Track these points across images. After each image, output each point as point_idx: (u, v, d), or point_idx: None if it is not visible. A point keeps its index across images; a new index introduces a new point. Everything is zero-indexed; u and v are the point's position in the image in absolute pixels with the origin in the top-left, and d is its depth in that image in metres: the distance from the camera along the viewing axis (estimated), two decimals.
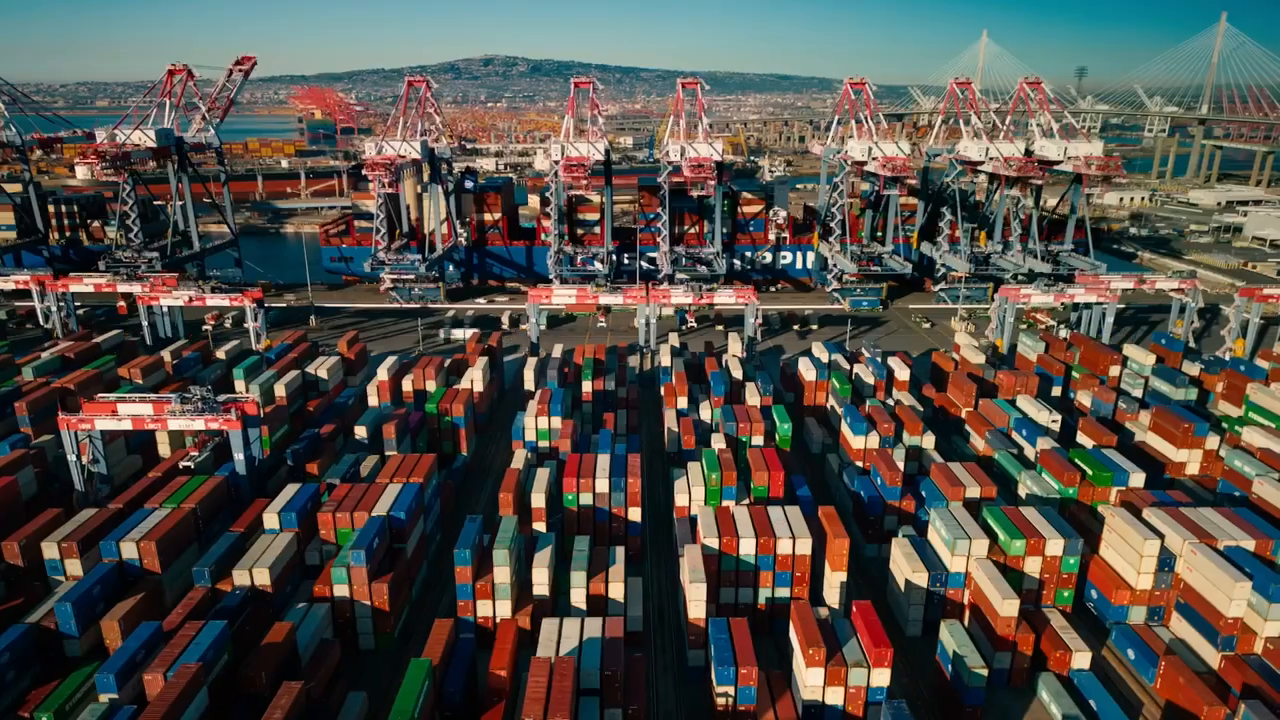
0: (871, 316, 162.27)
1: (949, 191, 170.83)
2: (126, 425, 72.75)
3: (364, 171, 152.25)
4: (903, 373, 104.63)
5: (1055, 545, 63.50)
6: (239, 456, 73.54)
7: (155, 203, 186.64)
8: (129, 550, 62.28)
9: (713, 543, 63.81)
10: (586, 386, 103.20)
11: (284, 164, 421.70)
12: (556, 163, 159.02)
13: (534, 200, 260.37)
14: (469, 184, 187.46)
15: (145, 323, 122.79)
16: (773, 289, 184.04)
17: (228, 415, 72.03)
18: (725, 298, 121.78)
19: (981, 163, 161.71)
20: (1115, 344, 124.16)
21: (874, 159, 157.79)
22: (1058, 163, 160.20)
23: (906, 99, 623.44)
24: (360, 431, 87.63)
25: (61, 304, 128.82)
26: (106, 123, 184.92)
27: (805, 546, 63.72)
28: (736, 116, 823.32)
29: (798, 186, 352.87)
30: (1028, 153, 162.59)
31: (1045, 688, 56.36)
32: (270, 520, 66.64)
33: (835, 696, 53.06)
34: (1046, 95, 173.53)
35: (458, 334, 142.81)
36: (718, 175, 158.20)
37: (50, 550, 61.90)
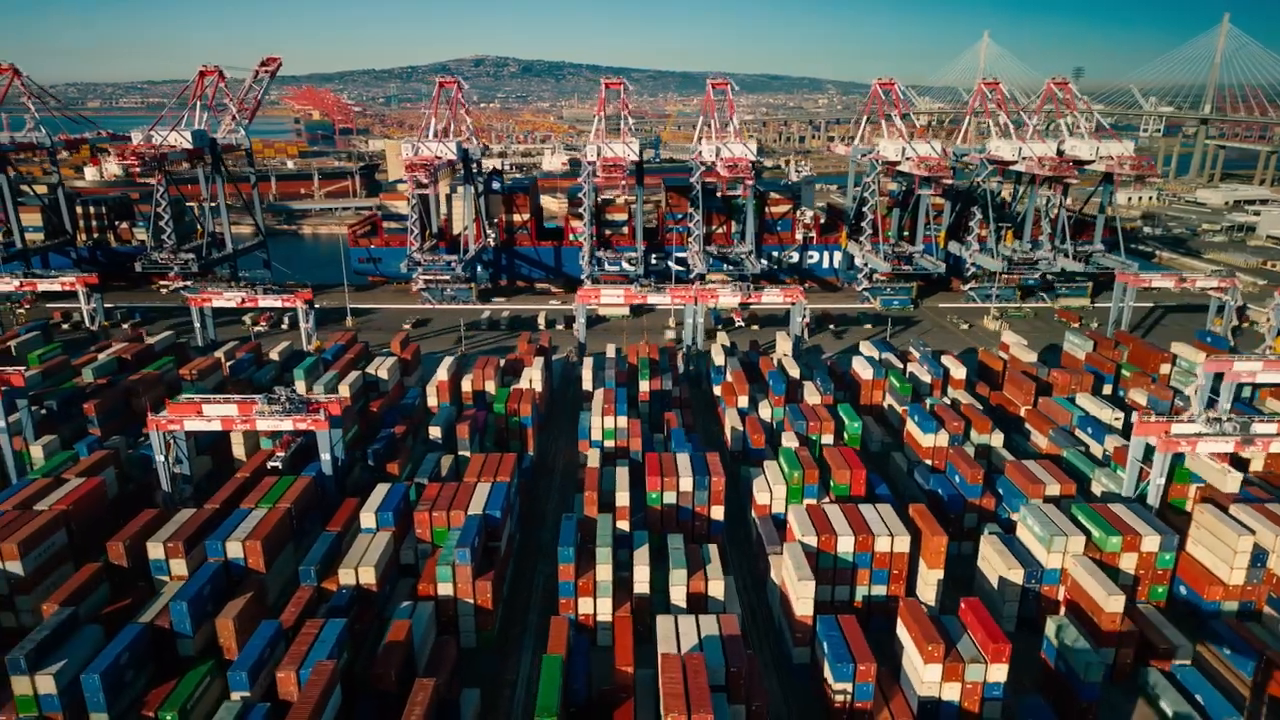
0: (904, 316, 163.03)
1: (979, 191, 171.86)
2: (216, 426, 72.93)
3: (403, 172, 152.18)
4: (958, 371, 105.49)
5: (1151, 541, 64.28)
6: (325, 457, 73.79)
7: (189, 204, 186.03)
8: (234, 550, 62.50)
9: (811, 541, 64.34)
10: (644, 386, 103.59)
11: (289, 165, 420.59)
12: (591, 163, 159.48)
13: (547, 201, 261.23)
14: (496, 185, 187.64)
15: (197, 325, 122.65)
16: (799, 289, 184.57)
17: (315, 415, 72.24)
18: (773, 297, 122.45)
19: (1014, 162, 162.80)
20: (1153, 342, 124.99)
21: (908, 159, 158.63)
22: (1090, 162, 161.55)
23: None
24: (434, 432, 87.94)
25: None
26: (108, 125, 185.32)
27: (903, 544, 64.34)
28: (728, 116, 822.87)
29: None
30: (1059, 153, 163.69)
31: (1152, 683, 57.06)
32: (367, 520, 66.91)
33: (952, 693, 53.65)
34: (1074, 95, 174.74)
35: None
36: (755, 174, 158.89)
37: (156, 550, 62.06)
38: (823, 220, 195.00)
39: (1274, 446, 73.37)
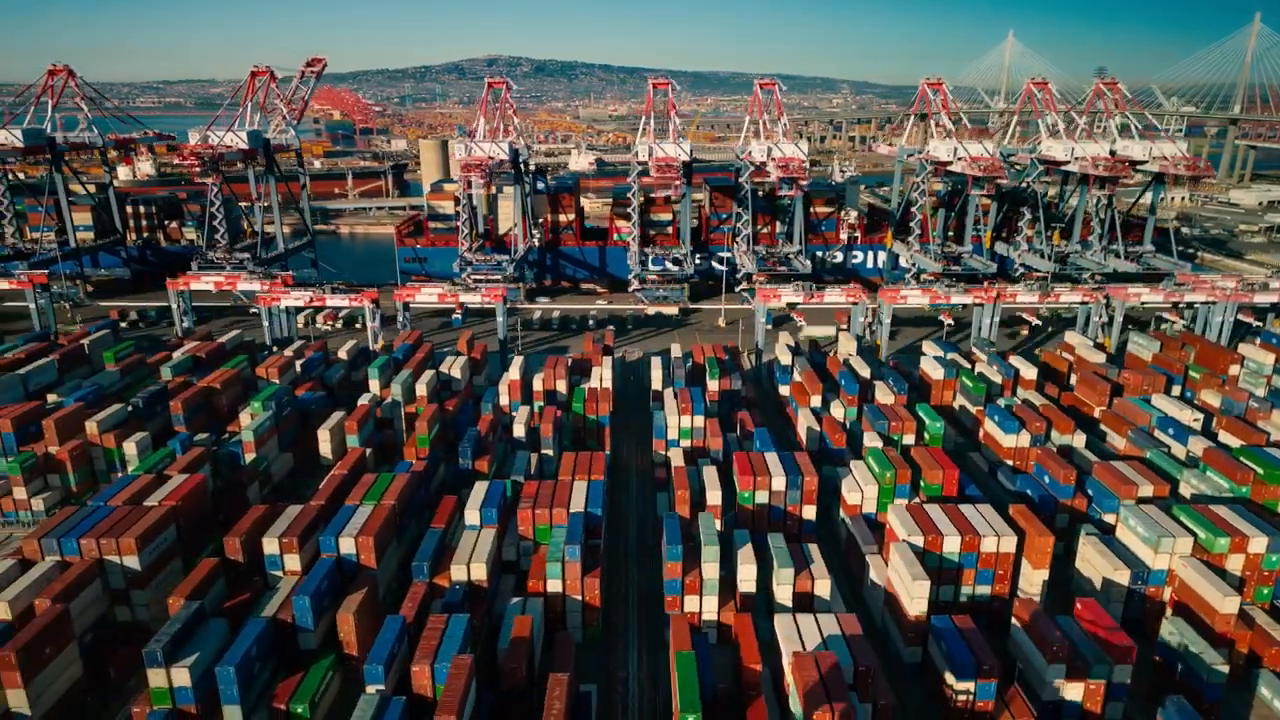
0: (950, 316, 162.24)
1: (1028, 191, 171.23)
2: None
3: (459, 172, 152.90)
4: (1028, 371, 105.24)
5: (1259, 543, 63.97)
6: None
7: (241, 204, 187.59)
8: (346, 545, 63.20)
9: (917, 541, 64.43)
10: (713, 385, 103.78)
11: (316, 165, 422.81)
12: (642, 163, 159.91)
13: (584, 201, 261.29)
14: (541, 185, 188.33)
15: (266, 324, 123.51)
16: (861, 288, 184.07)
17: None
18: (835, 296, 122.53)
19: (1066, 162, 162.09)
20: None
21: (960, 159, 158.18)
22: (1143, 162, 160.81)
23: (913, 97, 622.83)
24: (518, 430, 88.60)
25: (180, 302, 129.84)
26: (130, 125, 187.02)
27: (1010, 544, 64.34)
28: (746, 117, 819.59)
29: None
30: (1110, 153, 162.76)
31: (1266, 685, 56.88)
32: (471, 517, 67.46)
33: (1074, 693, 53.65)
34: (1124, 95, 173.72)
35: None
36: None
37: (271, 546, 62.81)
38: (865, 220, 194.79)
39: None
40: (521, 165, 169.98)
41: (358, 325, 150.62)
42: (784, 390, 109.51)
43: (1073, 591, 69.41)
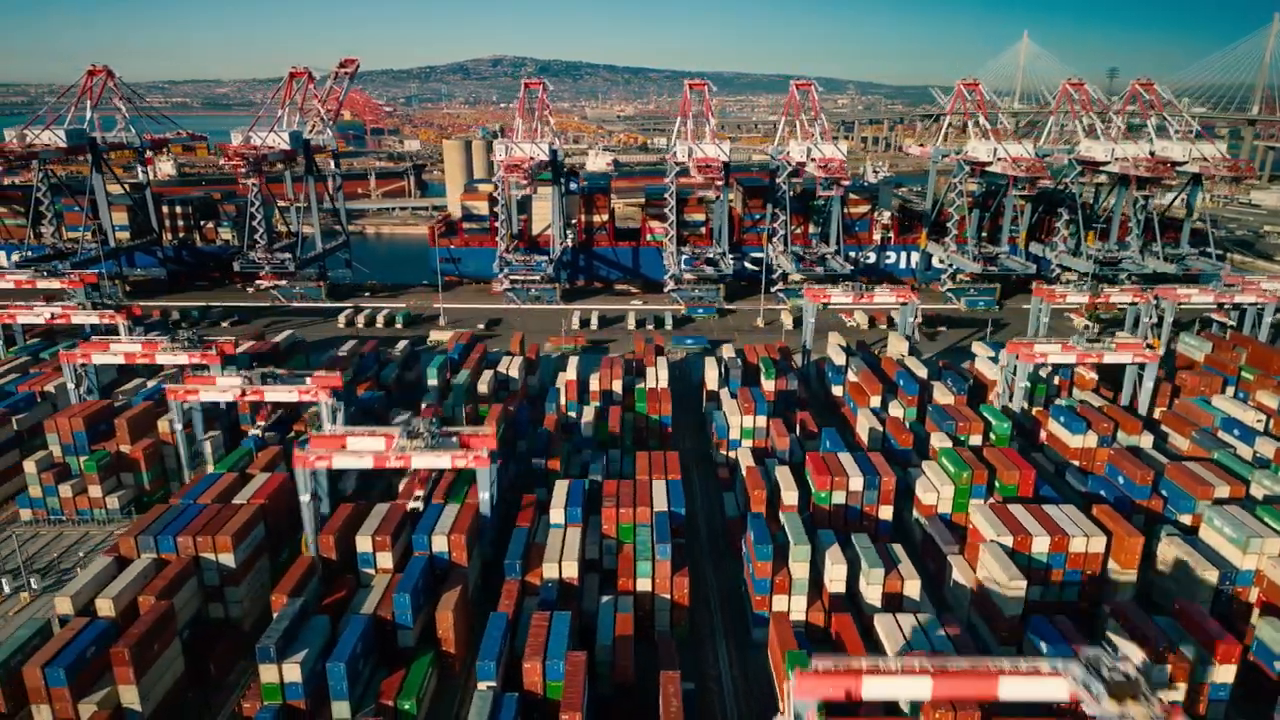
0: (993, 317, 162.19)
1: (1066, 192, 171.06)
2: (367, 463, 67.63)
3: (500, 173, 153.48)
4: (1087, 371, 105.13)
5: None
6: (484, 495, 69.51)
7: (280, 204, 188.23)
8: (439, 544, 63.59)
9: (1006, 541, 64.55)
10: (768, 385, 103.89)
11: (331, 165, 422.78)
12: (681, 164, 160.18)
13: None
14: (573, 185, 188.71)
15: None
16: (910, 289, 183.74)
17: (477, 454, 67.15)
18: (884, 297, 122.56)
19: (1106, 163, 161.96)
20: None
21: (999, 160, 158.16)
22: (1183, 163, 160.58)
23: (919, 98, 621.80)
24: (585, 430, 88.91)
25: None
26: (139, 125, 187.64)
27: (1099, 545, 64.47)
28: (753, 117, 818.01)
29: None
30: (1149, 154, 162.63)
31: None
32: (556, 515, 67.77)
33: (1176, 694, 53.72)
34: (1160, 96, 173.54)
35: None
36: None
37: (364, 544, 63.17)
38: (899, 221, 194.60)
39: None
40: (560, 166, 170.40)
41: (397, 325, 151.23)
42: (836, 390, 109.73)
43: (1152, 594, 69.59)
